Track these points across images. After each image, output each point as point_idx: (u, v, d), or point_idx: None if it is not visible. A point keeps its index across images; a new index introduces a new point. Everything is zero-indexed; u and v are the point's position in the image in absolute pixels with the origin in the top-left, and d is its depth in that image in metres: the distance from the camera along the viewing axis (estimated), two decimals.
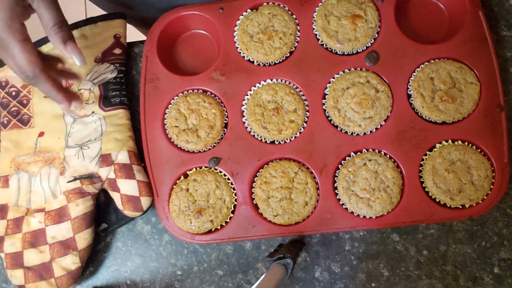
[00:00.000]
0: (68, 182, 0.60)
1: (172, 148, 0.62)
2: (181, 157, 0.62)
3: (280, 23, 0.62)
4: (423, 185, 0.58)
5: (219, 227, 0.60)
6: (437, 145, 0.58)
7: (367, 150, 0.59)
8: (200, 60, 0.67)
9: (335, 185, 0.59)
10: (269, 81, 0.62)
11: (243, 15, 0.64)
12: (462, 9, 0.60)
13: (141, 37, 0.80)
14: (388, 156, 0.59)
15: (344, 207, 0.58)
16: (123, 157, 0.61)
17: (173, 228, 0.60)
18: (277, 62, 0.63)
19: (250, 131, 0.62)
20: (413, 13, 0.64)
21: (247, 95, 0.63)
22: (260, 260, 0.61)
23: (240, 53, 0.63)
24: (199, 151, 0.62)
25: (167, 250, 0.63)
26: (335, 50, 0.62)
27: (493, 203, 0.56)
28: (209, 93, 0.63)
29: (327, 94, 0.61)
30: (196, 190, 0.60)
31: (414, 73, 0.60)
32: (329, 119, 0.61)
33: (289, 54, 0.63)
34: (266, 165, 0.60)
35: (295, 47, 0.62)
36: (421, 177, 0.58)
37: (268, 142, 0.61)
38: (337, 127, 0.60)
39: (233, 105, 0.62)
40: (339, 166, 0.59)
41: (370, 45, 0.61)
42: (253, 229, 0.59)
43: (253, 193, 0.60)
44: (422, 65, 0.60)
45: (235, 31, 0.64)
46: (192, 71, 0.67)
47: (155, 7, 0.69)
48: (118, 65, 0.65)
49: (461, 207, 0.57)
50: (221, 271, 0.62)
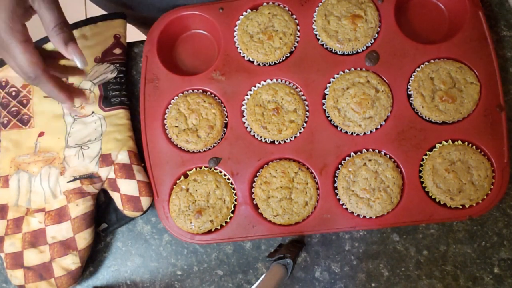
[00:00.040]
0: (68, 182, 0.60)
1: (172, 148, 0.62)
2: (181, 157, 0.62)
3: (280, 23, 0.62)
4: (423, 185, 0.58)
5: (219, 227, 0.60)
6: (437, 145, 0.58)
7: (367, 150, 0.59)
8: (200, 60, 0.67)
9: (335, 185, 0.59)
10: (269, 81, 0.62)
11: (243, 15, 0.64)
12: (462, 9, 0.60)
13: (141, 37, 0.80)
14: (388, 156, 0.59)
15: (344, 207, 0.58)
16: (123, 157, 0.61)
17: (173, 228, 0.60)
18: (277, 62, 0.63)
19: (250, 131, 0.61)
20: (413, 13, 0.64)
21: (247, 95, 0.63)
22: (260, 260, 0.61)
23: (240, 53, 0.63)
24: (199, 151, 0.62)
25: (167, 250, 0.63)
26: (335, 50, 0.62)
27: (493, 203, 0.56)
28: (209, 93, 0.63)
29: (327, 94, 0.61)
30: (196, 190, 0.60)
31: (414, 73, 0.60)
32: (329, 119, 0.61)
33: (289, 54, 0.63)
34: (266, 165, 0.60)
35: (295, 47, 0.62)
36: (421, 177, 0.58)
37: (268, 142, 0.61)
38: (337, 127, 0.60)
39: (233, 105, 0.62)
40: (339, 166, 0.59)
41: (370, 45, 0.61)
42: (253, 229, 0.59)
43: (253, 193, 0.60)
44: (422, 65, 0.60)
45: (235, 31, 0.64)
46: (192, 71, 0.67)
47: (155, 7, 0.69)
48: (118, 65, 0.65)
49: (461, 207, 0.57)
50: (221, 271, 0.62)
